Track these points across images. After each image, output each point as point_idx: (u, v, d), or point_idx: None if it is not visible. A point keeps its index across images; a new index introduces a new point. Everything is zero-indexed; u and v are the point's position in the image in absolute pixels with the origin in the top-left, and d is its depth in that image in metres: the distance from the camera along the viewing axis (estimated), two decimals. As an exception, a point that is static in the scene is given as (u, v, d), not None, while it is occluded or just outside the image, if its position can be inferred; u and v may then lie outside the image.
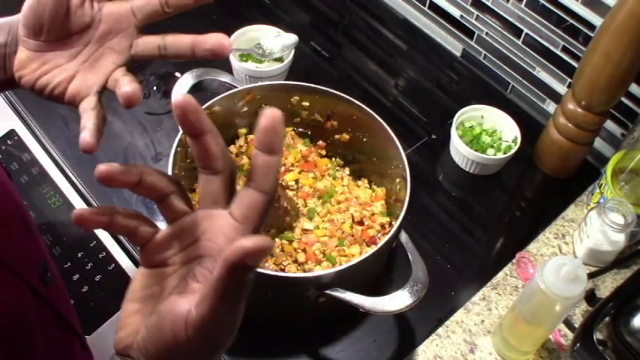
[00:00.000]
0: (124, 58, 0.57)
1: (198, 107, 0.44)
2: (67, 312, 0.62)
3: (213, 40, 0.52)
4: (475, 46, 1.17)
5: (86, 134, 0.54)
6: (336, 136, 0.95)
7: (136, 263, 0.87)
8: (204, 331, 0.43)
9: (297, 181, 0.91)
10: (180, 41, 0.55)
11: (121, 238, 0.89)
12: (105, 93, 0.57)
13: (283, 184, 0.90)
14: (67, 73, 0.57)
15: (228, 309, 0.43)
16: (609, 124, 1.01)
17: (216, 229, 0.46)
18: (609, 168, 0.93)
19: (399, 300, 0.72)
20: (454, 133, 1.00)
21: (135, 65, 0.58)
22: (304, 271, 0.81)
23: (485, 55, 1.17)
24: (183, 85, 0.91)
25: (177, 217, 0.48)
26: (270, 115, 0.41)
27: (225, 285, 0.41)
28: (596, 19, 0.95)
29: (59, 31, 0.57)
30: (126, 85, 0.53)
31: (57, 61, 0.57)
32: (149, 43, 0.57)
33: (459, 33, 1.18)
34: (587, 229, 0.89)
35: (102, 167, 0.44)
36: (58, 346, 0.58)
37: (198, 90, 0.96)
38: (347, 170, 0.95)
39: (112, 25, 0.56)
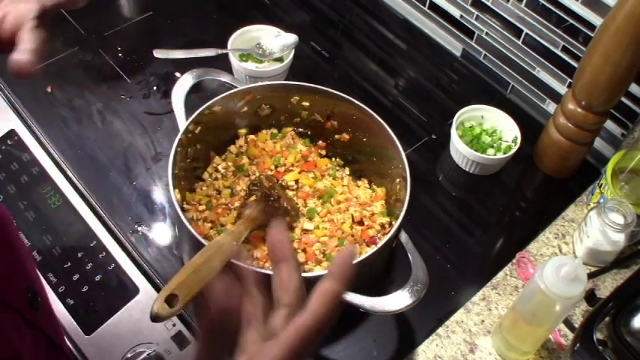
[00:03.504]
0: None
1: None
2: (56, 334, 0.63)
3: None
4: (475, 46, 1.17)
5: (20, 54, 0.46)
6: (336, 136, 0.95)
7: (136, 263, 0.87)
8: None
9: (297, 181, 0.91)
10: None
11: (121, 238, 0.89)
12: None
13: (283, 184, 0.90)
14: None
15: None
16: (609, 124, 1.01)
17: None
18: (609, 168, 0.93)
19: (399, 300, 0.72)
20: (454, 133, 1.00)
21: (135, 65, 0.57)
22: (304, 271, 0.81)
23: (485, 55, 1.16)
24: (183, 85, 0.91)
25: None
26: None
27: None
28: (596, 19, 0.95)
29: None
30: (19, 54, 0.47)
31: None
32: None
33: (459, 33, 1.18)
34: (587, 229, 0.89)
35: None
36: None
37: (198, 90, 0.96)
38: (347, 170, 0.95)
39: None
